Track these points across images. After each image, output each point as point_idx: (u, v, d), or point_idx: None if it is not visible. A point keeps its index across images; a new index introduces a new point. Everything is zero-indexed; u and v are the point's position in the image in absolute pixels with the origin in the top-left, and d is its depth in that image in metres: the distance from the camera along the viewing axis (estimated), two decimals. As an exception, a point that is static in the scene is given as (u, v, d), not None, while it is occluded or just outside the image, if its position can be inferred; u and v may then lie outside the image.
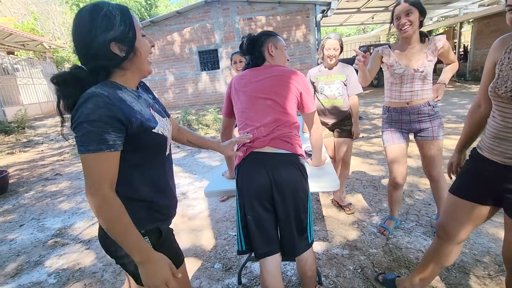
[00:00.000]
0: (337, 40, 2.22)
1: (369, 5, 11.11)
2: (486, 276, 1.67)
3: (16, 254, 2.41)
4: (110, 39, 0.80)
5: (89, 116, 0.74)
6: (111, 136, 0.77)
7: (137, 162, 0.88)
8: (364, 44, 15.76)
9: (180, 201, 3.17)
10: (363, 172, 3.44)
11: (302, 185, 1.27)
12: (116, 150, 0.78)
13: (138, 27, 0.87)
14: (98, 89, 0.78)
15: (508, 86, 0.98)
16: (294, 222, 1.26)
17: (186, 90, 10.20)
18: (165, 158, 0.98)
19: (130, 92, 0.89)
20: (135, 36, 0.84)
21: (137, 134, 0.84)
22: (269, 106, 1.31)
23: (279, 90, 1.33)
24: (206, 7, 9.32)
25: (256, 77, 1.38)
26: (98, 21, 0.79)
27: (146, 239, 0.89)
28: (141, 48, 0.87)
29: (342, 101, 2.32)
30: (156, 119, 0.92)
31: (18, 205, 3.46)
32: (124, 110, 0.80)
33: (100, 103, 0.75)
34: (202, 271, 1.97)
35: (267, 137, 1.27)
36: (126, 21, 0.82)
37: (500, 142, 1.05)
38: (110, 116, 0.76)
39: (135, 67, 0.89)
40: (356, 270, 1.83)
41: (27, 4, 14.29)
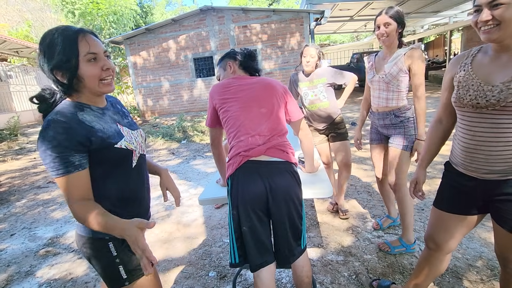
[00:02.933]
0: (314, 48, 2.30)
1: (361, 13, 11.35)
2: (479, 280, 1.68)
3: (6, 264, 2.36)
4: (52, 67, 0.86)
5: (51, 143, 0.82)
6: (75, 157, 0.85)
7: (99, 175, 0.93)
8: (357, 51, 16.00)
9: (174, 208, 3.15)
10: (358, 178, 3.46)
11: (297, 192, 1.28)
12: (83, 168, 0.87)
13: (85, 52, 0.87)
14: (57, 115, 0.85)
15: (472, 95, 1.02)
16: (290, 229, 1.26)
17: (181, 97, 10.21)
18: (130, 169, 1.01)
19: (93, 111, 0.94)
20: (77, 64, 0.86)
21: (98, 150, 0.90)
22: (264, 115, 1.33)
23: (271, 98, 1.36)
24: (202, 15, 9.41)
25: (245, 85, 1.39)
26: (44, 49, 0.86)
27: (110, 244, 0.97)
28: (85, 74, 0.88)
29: (329, 104, 2.36)
30: (122, 133, 0.98)
31: (9, 214, 3.40)
32: (83, 132, 0.86)
33: (59, 130, 0.83)
34: (197, 279, 1.95)
35: (264, 146, 1.28)
36: (66, 50, 0.85)
37: (473, 158, 1.06)
38: (71, 140, 0.84)
39: (86, 89, 0.92)
40: (350, 276, 1.83)
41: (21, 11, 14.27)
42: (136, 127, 1.09)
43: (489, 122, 0.99)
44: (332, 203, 2.70)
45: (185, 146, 6.18)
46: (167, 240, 2.50)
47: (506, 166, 0.99)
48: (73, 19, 13.72)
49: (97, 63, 0.90)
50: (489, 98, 0.96)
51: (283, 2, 26.59)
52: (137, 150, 1.03)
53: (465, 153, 1.08)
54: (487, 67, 1.03)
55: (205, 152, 5.53)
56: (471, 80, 1.04)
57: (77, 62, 0.86)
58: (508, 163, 0.99)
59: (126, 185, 1.00)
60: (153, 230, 2.71)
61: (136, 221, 0.84)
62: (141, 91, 10.18)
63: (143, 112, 10.27)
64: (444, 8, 11.74)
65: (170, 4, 33.11)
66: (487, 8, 0.92)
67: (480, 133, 1.02)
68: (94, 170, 0.91)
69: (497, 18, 0.91)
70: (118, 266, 0.98)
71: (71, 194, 0.86)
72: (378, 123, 1.99)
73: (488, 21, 0.92)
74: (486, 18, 0.92)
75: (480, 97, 0.99)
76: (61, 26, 0.89)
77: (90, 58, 0.88)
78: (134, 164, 1.02)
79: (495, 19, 0.91)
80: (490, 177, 1.04)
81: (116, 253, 0.97)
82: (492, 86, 0.97)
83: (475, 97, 1.00)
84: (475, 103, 1.00)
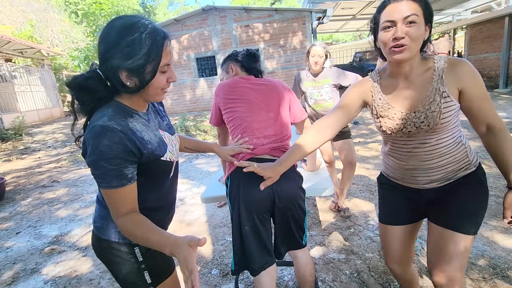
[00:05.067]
0: (322, 48, 2.28)
1: (364, 12, 11.29)
2: (481, 279, 1.68)
3: (12, 262, 2.39)
4: (123, 67, 0.75)
5: (106, 154, 0.74)
6: (129, 170, 0.79)
7: (143, 185, 0.88)
8: (360, 50, 15.94)
9: (177, 207, 3.18)
10: (360, 176, 3.46)
11: (300, 193, 1.29)
12: (135, 181, 0.82)
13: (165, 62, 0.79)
14: (112, 122, 0.76)
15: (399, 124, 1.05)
16: (294, 226, 1.29)
17: (184, 97, 10.24)
18: (168, 180, 0.97)
19: (140, 117, 0.86)
20: (154, 73, 0.78)
21: (147, 163, 0.85)
22: (271, 119, 1.35)
23: (278, 102, 1.38)
24: (204, 15, 9.42)
25: (253, 86, 1.39)
26: (122, 44, 0.74)
27: (136, 249, 0.92)
28: (154, 84, 0.80)
29: (333, 104, 2.37)
30: (165, 142, 0.92)
31: (14, 212, 3.45)
32: (137, 143, 0.80)
33: (116, 139, 0.75)
34: (200, 277, 1.97)
35: (267, 145, 1.31)
36: (151, 56, 0.75)
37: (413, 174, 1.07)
38: (126, 152, 0.77)
39: (140, 95, 0.84)
40: (352, 274, 1.84)
41: (25, 12, 14.38)
42: (173, 131, 1.03)
43: (421, 142, 1.01)
44: (334, 202, 2.70)
45: (187, 146, 6.21)
46: (170, 238, 2.52)
47: (443, 174, 1.04)
48: (76, 19, 13.80)
49: (166, 73, 0.82)
50: (418, 125, 0.97)
51: (285, 2, 26.55)
52: (175, 161, 0.97)
53: (404, 171, 1.09)
54: (397, 93, 1.02)
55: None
56: (389, 110, 1.03)
57: (155, 72, 0.78)
58: (444, 171, 1.03)
59: (162, 195, 0.97)
60: (156, 228, 2.74)
61: (188, 238, 0.76)
62: (144, 91, 10.23)
63: (146, 111, 10.32)
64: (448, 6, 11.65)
65: (173, 4, 33.20)
66: (403, 24, 0.89)
67: (416, 153, 1.03)
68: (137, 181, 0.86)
69: (410, 36, 0.89)
70: (144, 271, 0.94)
71: (120, 207, 0.80)
72: None
73: (403, 38, 0.89)
74: (402, 34, 0.88)
75: (409, 125, 0.99)
76: (149, 23, 0.77)
77: (165, 70, 0.81)
78: (171, 174, 0.97)
79: (409, 37, 0.89)
80: (431, 186, 1.07)
81: (142, 259, 0.93)
82: (414, 113, 0.98)
83: (404, 126, 1.00)
84: (407, 131, 1.01)
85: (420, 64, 0.99)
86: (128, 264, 0.92)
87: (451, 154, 1.01)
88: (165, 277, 1.01)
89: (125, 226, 0.81)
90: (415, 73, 0.99)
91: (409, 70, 0.98)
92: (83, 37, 13.58)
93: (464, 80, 0.95)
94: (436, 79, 0.96)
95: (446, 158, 1.02)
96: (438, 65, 0.97)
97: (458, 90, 0.96)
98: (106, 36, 0.76)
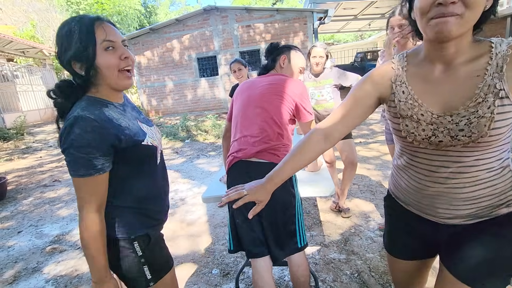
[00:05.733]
0: (323, 49, 2.29)
1: (365, 12, 11.29)
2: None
3: (14, 261, 2.40)
4: (69, 58, 0.82)
5: (76, 141, 0.77)
6: (99, 160, 0.80)
7: (128, 173, 0.91)
8: (361, 50, 15.93)
9: (178, 207, 3.18)
10: (361, 177, 3.46)
11: (287, 194, 1.27)
12: (104, 172, 0.82)
13: (102, 39, 0.82)
14: (85, 112, 0.79)
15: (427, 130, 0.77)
16: (281, 228, 1.28)
17: (185, 96, 10.25)
18: (156, 166, 0.99)
19: (115, 107, 0.89)
20: (94, 52, 0.81)
21: (127, 149, 0.86)
22: (258, 114, 1.33)
23: (270, 98, 1.34)
24: (205, 15, 9.43)
25: (255, 84, 1.42)
26: (62, 40, 0.82)
27: (135, 244, 0.93)
28: (103, 64, 0.83)
29: (334, 104, 2.38)
30: (144, 131, 0.94)
31: (16, 211, 3.46)
32: (113, 130, 0.82)
33: (88, 128, 0.77)
34: (200, 276, 1.98)
35: (254, 148, 1.28)
36: (83, 38, 0.80)
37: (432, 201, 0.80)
38: (99, 141, 0.79)
39: (105, 82, 0.87)
40: (353, 274, 1.84)
41: (27, 12, 14.43)
42: (151, 124, 1.07)
43: (454, 160, 0.72)
44: (335, 202, 2.70)
45: (188, 145, 6.22)
46: (171, 238, 2.53)
47: (475, 209, 0.75)
48: (78, 19, 13.83)
49: (115, 51, 0.85)
50: (455, 133, 0.69)
51: (286, 2, 26.54)
52: (159, 147, 1.01)
53: (420, 195, 0.81)
54: (431, 86, 0.74)
55: (208, 151, 5.56)
56: (417, 108, 0.74)
57: (95, 50, 0.81)
58: (477, 205, 0.75)
59: (154, 183, 0.98)
60: (157, 228, 2.74)
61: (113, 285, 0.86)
62: (145, 91, 10.25)
63: (147, 111, 10.33)
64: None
65: (174, 4, 33.23)
66: None
67: (443, 174, 0.75)
68: (123, 170, 0.89)
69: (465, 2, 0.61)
70: (143, 266, 0.94)
71: (87, 199, 0.82)
72: None
73: (455, 3, 0.61)
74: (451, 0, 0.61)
75: (440, 132, 0.71)
76: (79, 15, 0.85)
77: (107, 46, 0.83)
78: (159, 160, 1.00)
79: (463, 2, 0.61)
80: (453, 222, 0.79)
81: (141, 253, 0.93)
82: (451, 116, 0.69)
83: (434, 133, 0.72)
84: (436, 141, 0.72)
85: (470, 48, 0.70)
86: (128, 259, 0.93)
87: (492, 183, 0.73)
88: (164, 273, 1.02)
89: (92, 226, 0.81)
90: (461, 60, 0.70)
91: (454, 53, 0.69)
92: (84, 37, 13.66)
93: None
94: (492, 71, 0.67)
95: (484, 188, 0.73)
96: (497, 51, 0.67)
97: None
98: (55, 42, 0.85)
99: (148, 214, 0.97)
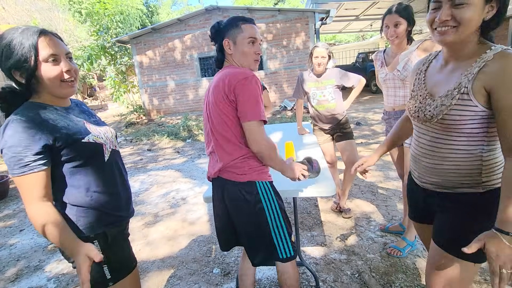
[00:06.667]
0: (325, 49, 2.29)
1: (367, 13, 11.26)
2: (483, 281, 1.68)
3: (16, 259, 2.42)
4: (10, 67, 0.86)
5: (8, 142, 0.82)
6: (30, 158, 0.83)
7: (74, 170, 0.94)
8: (363, 51, 15.90)
9: (179, 206, 3.19)
10: (362, 177, 3.46)
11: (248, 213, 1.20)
12: (40, 170, 0.85)
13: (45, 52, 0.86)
14: (18, 115, 0.85)
15: (417, 107, 0.99)
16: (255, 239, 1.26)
17: (186, 96, 10.26)
18: (103, 164, 1.01)
19: (55, 110, 0.94)
20: (36, 64, 0.85)
21: (66, 147, 0.89)
22: (210, 130, 1.22)
23: (216, 107, 1.15)
24: (207, 15, 9.44)
25: (210, 87, 1.25)
26: (3, 48, 0.85)
27: (95, 243, 0.96)
28: (44, 75, 0.87)
29: (335, 105, 2.38)
30: (89, 130, 0.98)
31: (18, 210, 3.48)
32: (44, 131, 0.85)
33: (18, 128, 0.82)
34: (201, 275, 1.98)
35: (217, 167, 1.24)
36: (24, 49, 0.84)
37: (416, 165, 1.03)
38: (29, 140, 0.82)
39: (46, 91, 0.91)
40: (353, 275, 1.84)
41: (30, 11, 14.48)
42: (103, 124, 1.10)
43: (429, 135, 0.95)
44: (336, 202, 2.70)
45: (190, 145, 6.23)
46: (172, 237, 2.54)
47: (440, 179, 0.95)
48: (80, 18, 13.88)
49: (57, 64, 0.89)
50: (426, 112, 0.93)
51: (288, 2, 26.52)
52: (108, 145, 1.03)
53: (412, 160, 1.06)
54: (435, 76, 0.97)
55: (209, 151, 5.56)
56: (421, 90, 0.99)
57: (36, 62, 0.85)
58: (441, 176, 0.95)
59: (99, 180, 0.99)
60: (158, 227, 2.75)
61: (88, 249, 0.86)
62: (147, 90, 10.26)
63: (148, 111, 10.35)
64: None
65: (176, 4, 33.29)
66: (448, 5, 0.81)
67: (422, 144, 0.98)
68: (66, 167, 0.92)
69: (457, 18, 0.80)
70: (103, 265, 0.96)
71: (27, 195, 0.85)
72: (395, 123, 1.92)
73: (447, 21, 0.81)
74: (445, 17, 0.81)
75: (421, 110, 0.96)
76: (23, 26, 0.89)
77: (49, 59, 0.87)
78: (107, 158, 1.02)
79: (454, 20, 0.81)
80: (428, 186, 1.01)
81: (101, 252, 0.94)
82: (433, 100, 0.92)
83: (419, 109, 0.97)
84: (416, 116, 0.98)
85: (474, 49, 0.86)
86: None
87: (457, 163, 0.91)
88: (125, 274, 1.03)
89: (36, 215, 0.85)
90: (462, 59, 0.88)
91: (454, 53, 0.89)
92: (86, 36, 13.65)
93: (495, 79, 0.78)
94: (471, 71, 0.83)
95: (449, 165, 0.92)
96: (485, 56, 0.82)
97: (486, 91, 0.80)
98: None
99: (104, 211, 0.99)
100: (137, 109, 10.48)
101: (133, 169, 4.84)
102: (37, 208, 0.85)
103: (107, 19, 10.19)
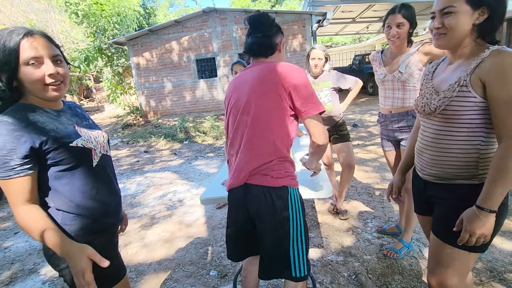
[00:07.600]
0: (322, 51, 2.30)
1: (363, 15, 11.34)
2: (478, 282, 1.69)
3: (10, 262, 2.39)
4: None
5: None
6: (16, 162, 0.81)
7: (60, 174, 0.91)
8: (359, 53, 16.01)
9: (176, 208, 3.18)
10: (358, 179, 3.47)
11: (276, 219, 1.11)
12: (26, 174, 0.84)
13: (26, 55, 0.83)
14: (4, 117, 0.83)
15: (424, 102, 1.07)
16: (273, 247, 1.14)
17: (183, 98, 10.25)
18: (91, 169, 0.98)
19: (45, 112, 0.91)
20: (16, 67, 0.83)
21: (53, 150, 0.87)
22: (245, 125, 1.13)
23: (258, 98, 1.10)
24: (204, 16, 9.45)
25: (240, 82, 1.20)
26: None
27: None
28: (25, 78, 0.85)
29: (332, 107, 2.39)
30: (79, 133, 0.96)
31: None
32: (31, 133, 0.83)
33: (3, 131, 0.80)
34: (198, 278, 1.98)
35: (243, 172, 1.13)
36: (5, 52, 0.82)
37: (419, 158, 1.11)
38: (14, 143, 0.80)
39: (30, 93, 0.89)
40: (350, 276, 1.84)
41: (26, 12, 14.39)
42: (96, 128, 1.08)
43: (433, 128, 1.03)
44: (333, 204, 2.71)
45: (187, 147, 6.22)
46: (169, 240, 2.52)
47: (439, 171, 1.03)
48: (76, 20, 13.82)
49: (39, 67, 0.85)
50: (431, 106, 1.01)
51: (285, 4, 26.65)
52: (98, 150, 1.01)
53: (416, 153, 1.13)
54: (440, 75, 1.07)
55: (207, 153, 5.56)
56: (428, 88, 1.08)
57: (17, 65, 0.83)
58: (441, 168, 1.02)
59: (86, 185, 0.96)
60: (155, 229, 2.74)
61: (88, 250, 0.82)
62: (144, 92, 10.23)
63: (145, 112, 10.32)
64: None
65: (173, 6, 33.27)
66: (439, 15, 0.96)
67: (426, 137, 1.06)
68: (52, 171, 0.89)
69: (445, 26, 0.94)
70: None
71: (13, 198, 0.84)
72: (392, 126, 1.87)
73: (439, 28, 0.96)
74: (437, 25, 0.96)
75: (427, 105, 1.04)
76: (13, 27, 0.86)
77: (29, 62, 0.84)
78: (95, 163, 0.99)
79: (444, 27, 0.95)
80: (428, 178, 1.08)
81: None
82: (437, 95, 1.01)
83: (425, 104, 1.05)
84: (422, 110, 1.06)
85: (472, 50, 0.96)
86: None
87: (456, 155, 0.97)
88: (114, 283, 1.01)
89: (20, 217, 0.84)
90: (460, 59, 1.00)
91: (454, 54, 1.01)
92: (83, 38, 13.59)
93: (489, 72, 0.88)
94: (470, 67, 0.93)
95: (448, 156, 0.99)
96: (484, 54, 0.91)
97: (481, 82, 0.89)
98: None
99: (92, 217, 0.96)
100: (134, 110, 10.45)
101: (129, 171, 4.81)
102: (24, 211, 0.84)
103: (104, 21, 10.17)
